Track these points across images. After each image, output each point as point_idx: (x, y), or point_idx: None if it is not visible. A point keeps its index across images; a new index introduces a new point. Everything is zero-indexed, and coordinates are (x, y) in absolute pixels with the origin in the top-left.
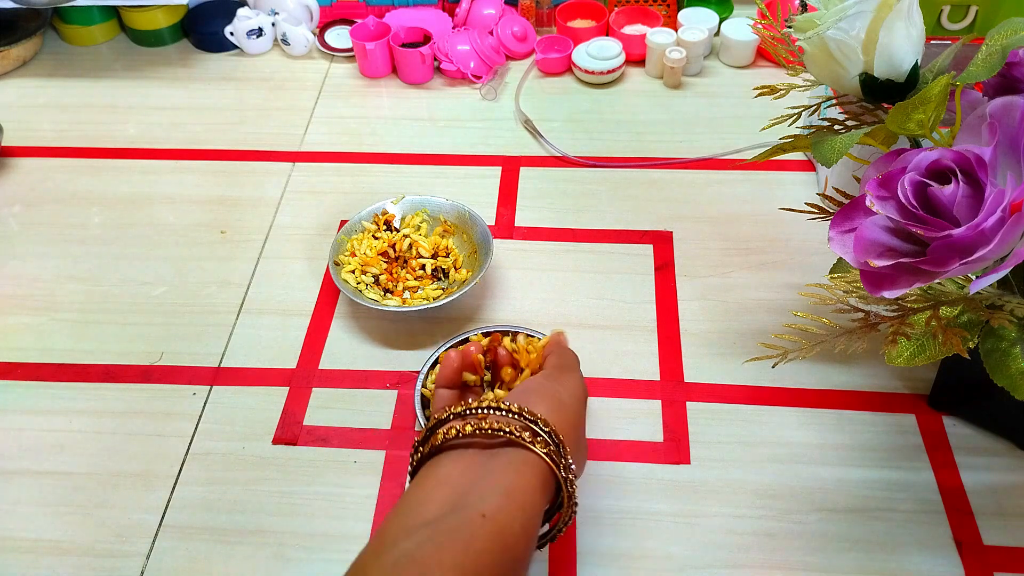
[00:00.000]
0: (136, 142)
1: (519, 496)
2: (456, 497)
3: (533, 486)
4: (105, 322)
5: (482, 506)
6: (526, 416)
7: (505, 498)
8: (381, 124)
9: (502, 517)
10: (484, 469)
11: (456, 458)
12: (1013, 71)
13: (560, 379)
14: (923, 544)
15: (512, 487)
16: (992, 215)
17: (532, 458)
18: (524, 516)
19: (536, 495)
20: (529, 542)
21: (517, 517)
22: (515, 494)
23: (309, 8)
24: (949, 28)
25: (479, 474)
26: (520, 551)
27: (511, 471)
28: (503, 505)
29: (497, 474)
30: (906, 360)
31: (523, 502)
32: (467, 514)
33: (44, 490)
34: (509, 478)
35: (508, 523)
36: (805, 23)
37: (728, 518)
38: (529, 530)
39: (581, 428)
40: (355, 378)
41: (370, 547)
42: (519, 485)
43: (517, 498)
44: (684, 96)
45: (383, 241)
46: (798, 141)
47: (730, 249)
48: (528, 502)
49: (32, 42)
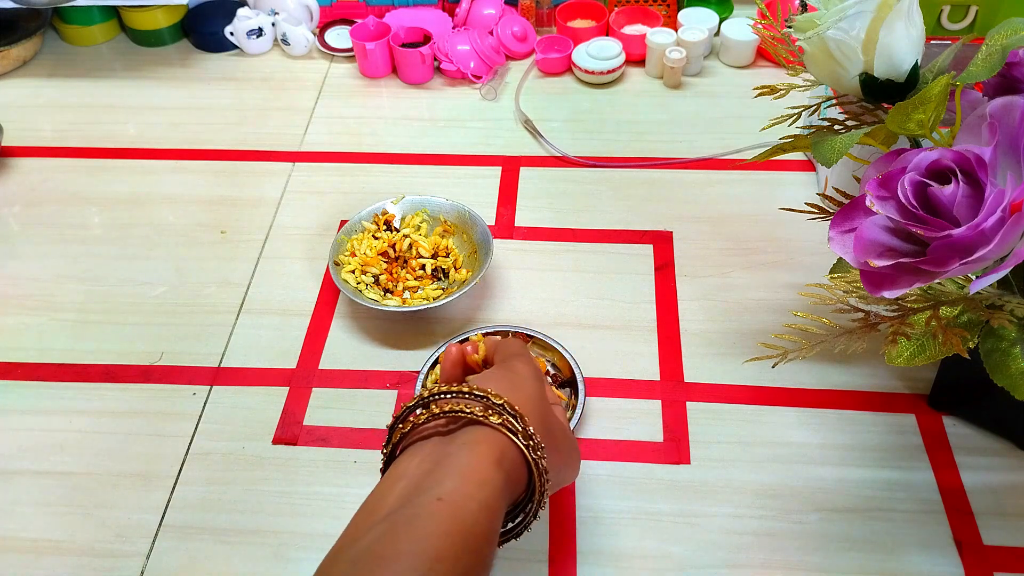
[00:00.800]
0: (136, 142)
1: (475, 474)
2: (413, 486)
3: (490, 460)
4: (105, 322)
5: (438, 490)
6: (475, 393)
7: (460, 478)
8: (381, 124)
9: (458, 498)
10: (441, 454)
11: (415, 450)
12: (1013, 71)
13: (510, 364)
14: (923, 544)
15: (468, 466)
16: (992, 215)
17: (488, 433)
18: (483, 493)
19: (493, 469)
20: (491, 518)
21: (474, 495)
22: (471, 473)
23: (309, 8)
24: (949, 28)
25: (436, 460)
26: (481, 529)
27: (466, 450)
28: (458, 486)
29: (453, 456)
30: (906, 360)
31: (480, 479)
32: (423, 500)
33: (44, 490)
34: (464, 458)
35: (464, 503)
36: (805, 23)
37: (728, 518)
38: (491, 506)
39: (544, 404)
40: (355, 378)
41: (333, 548)
42: (474, 463)
43: (474, 476)
44: (684, 96)
45: (383, 241)
46: (798, 141)
47: (730, 249)
48: (486, 478)
49: (32, 42)
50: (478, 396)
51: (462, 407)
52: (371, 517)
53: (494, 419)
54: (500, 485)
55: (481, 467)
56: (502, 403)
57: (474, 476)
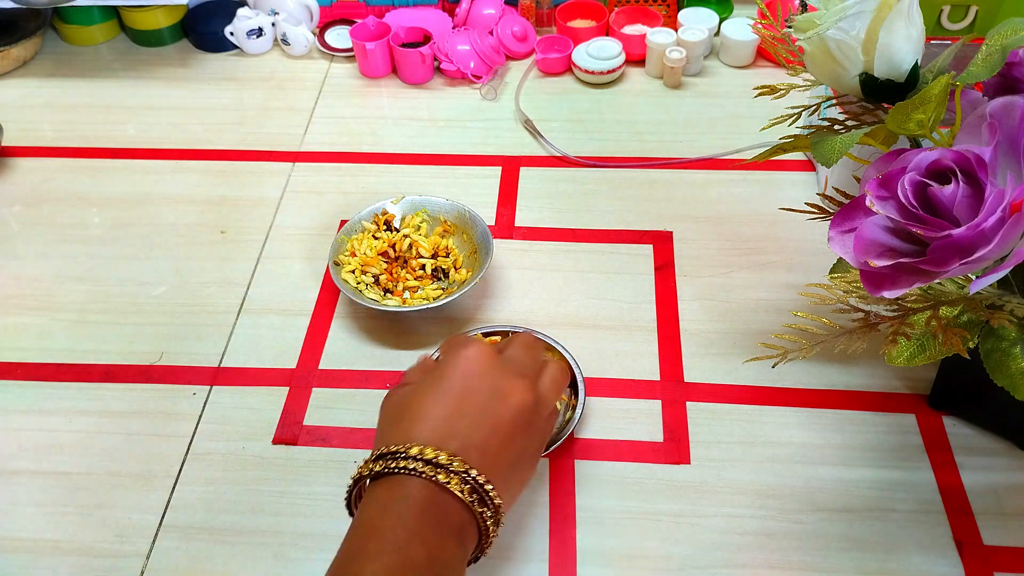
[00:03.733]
0: (136, 142)
1: (401, 549)
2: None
3: (421, 523)
4: (105, 322)
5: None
6: (414, 456)
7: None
8: (381, 124)
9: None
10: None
11: (365, 500)
12: (1013, 71)
13: (434, 370)
14: (923, 544)
15: (392, 540)
16: (992, 215)
17: (417, 488)
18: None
19: (420, 537)
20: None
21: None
22: (395, 548)
23: (309, 8)
24: (949, 28)
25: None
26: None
27: (393, 517)
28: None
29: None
30: (906, 360)
31: (405, 552)
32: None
33: (44, 490)
34: (389, 530)
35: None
36: (805, 23)
37: (728, 518)
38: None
39: (489, 422)
40: (355, 378)
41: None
42: (400, 534)
43: (399, 550)
44: (684, 96)
45: (383, 241)
46: (798, 141)
47: (730, 249)
48: (411, 550)
49: (32, 42)
50: (417, 461)
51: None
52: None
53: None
54: (431, 547)
55: (407, 536)
56: (438, 461)
57: (399, 550)
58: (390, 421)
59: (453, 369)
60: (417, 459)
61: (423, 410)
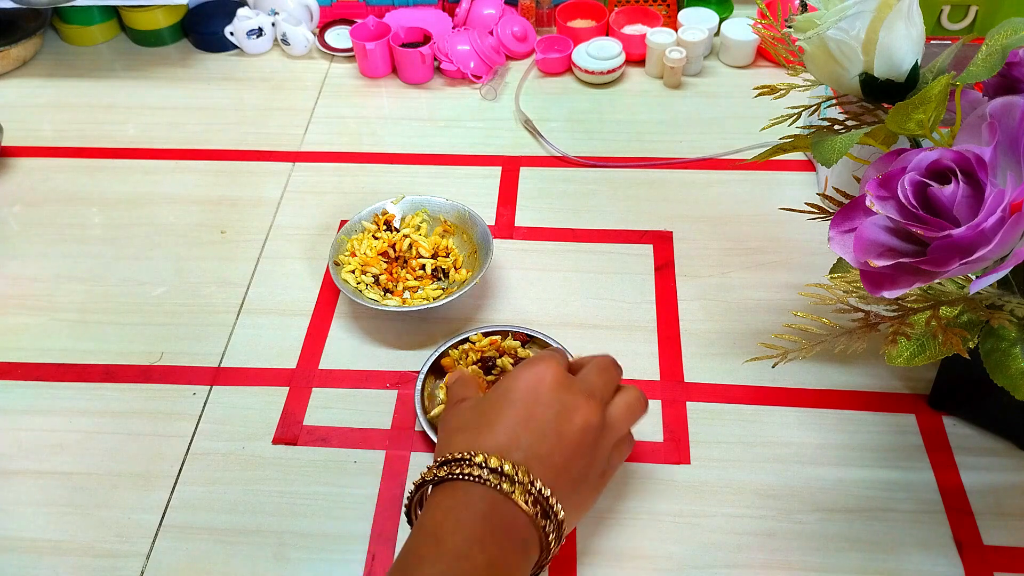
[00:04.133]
0: (136, 142)
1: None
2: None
3: (479, 531)
4: (105, 322)
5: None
6: (477, 463)
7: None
8: (381, 124)
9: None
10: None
11: (429, 504)
12: (1013, 71)
13: (502, 383)
14: (923, 544)
15: (439, 531)
16: (992, 215)
17: (463, 493)
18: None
19: (479, 546)
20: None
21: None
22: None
23: (309, 8)
24: (949, 28)
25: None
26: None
27: (439, 513)
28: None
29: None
30: (906, 360)
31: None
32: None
33: (44, 490)
34: (448, 535)
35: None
36: (805, 23)
37: (728, 518)
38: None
39: (556, 440)
40: (355, 378)
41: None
42: (447, 527)
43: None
44: (684, 96)
45: (383, 241)
46: (798, 141)
47: (730, 249)
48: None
49: (32, 42)
50: (480, 467)
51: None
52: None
53: (505, 485)
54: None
55: (464, 545)
56: (503, 471)
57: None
58: (454, 431)
59: (522, 383)
60: (483, 467)
61: (488, 420)
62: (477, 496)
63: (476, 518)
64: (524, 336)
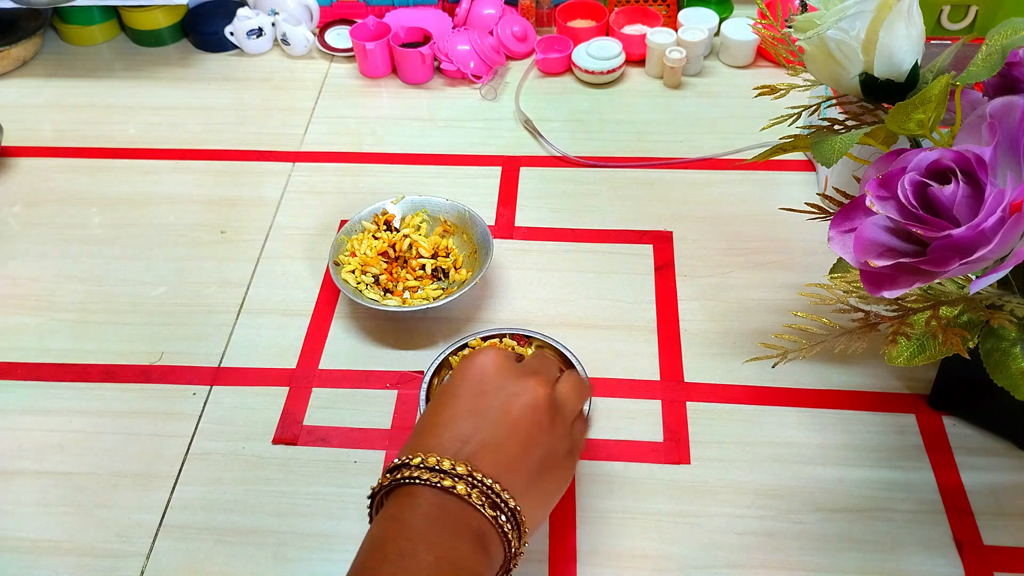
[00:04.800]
0: (136, 142)
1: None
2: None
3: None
4: (105, 322)
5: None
6: (439, 470)
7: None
8: (381, 124)
9: None
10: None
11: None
12: (1013, 71)
13: (484, 387)
14: (923, 544)
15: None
16: (992, 215)
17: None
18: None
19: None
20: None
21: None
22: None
23: (309, 8)
24: (949, 28)
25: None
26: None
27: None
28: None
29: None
30: (906, 360)
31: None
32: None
33: (44, 490)
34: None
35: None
36: (805, 23)
37: (728, 518)
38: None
39: (520, 438)
40: (355, 378)
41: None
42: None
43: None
44: (684, 96)
45: (383, 241)
46: (798, 141)
47: (730, 249)
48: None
49: (32, 42)
50: (443, 473)
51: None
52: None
53: (459, 488)
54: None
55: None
56: (468, 478)
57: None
58: (410, 438)
59: (462, 376)
60: (421, 467)
61: (433, 420)
62: (422, 498)
63: (420, 518)
64: (522, 337)
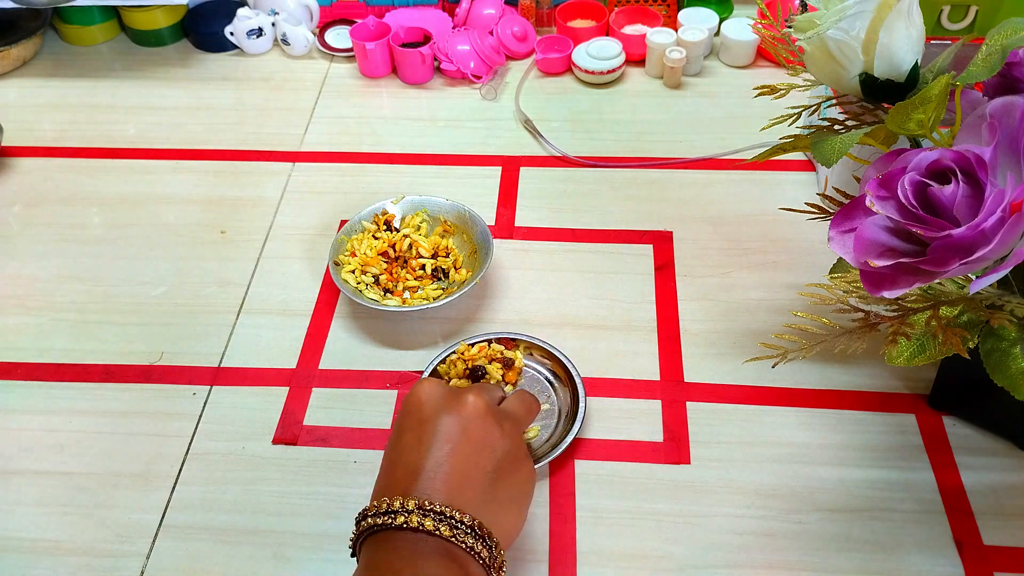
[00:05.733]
0: (136, 142)
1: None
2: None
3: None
4: (105, 322)
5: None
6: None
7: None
8: (381, 124)
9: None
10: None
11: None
12: (1013, 71)
13: (437, 422)
14: (923, 544)
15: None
16: (992, 215)
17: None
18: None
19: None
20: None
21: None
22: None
23: (309, 8)
24: (949, 28)
25: None
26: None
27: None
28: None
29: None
30: (906, 360)
31: None
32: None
33: (44, 490)
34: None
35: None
36: (805, 23)
37: (728, 518)
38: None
39: (479, 463)
40: (355, 378)
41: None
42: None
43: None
44: (684, 96)
45: (383, 241)
46: (798, 141)
47: (730, 249)
48: None
49: (32, 42)
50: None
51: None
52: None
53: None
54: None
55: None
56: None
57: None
58: (375, 484)
59: (404, 412)
60: (376, 514)
61: (387, 461)
62: (388, 542)
63: (389, 558)
64: (508, 342)
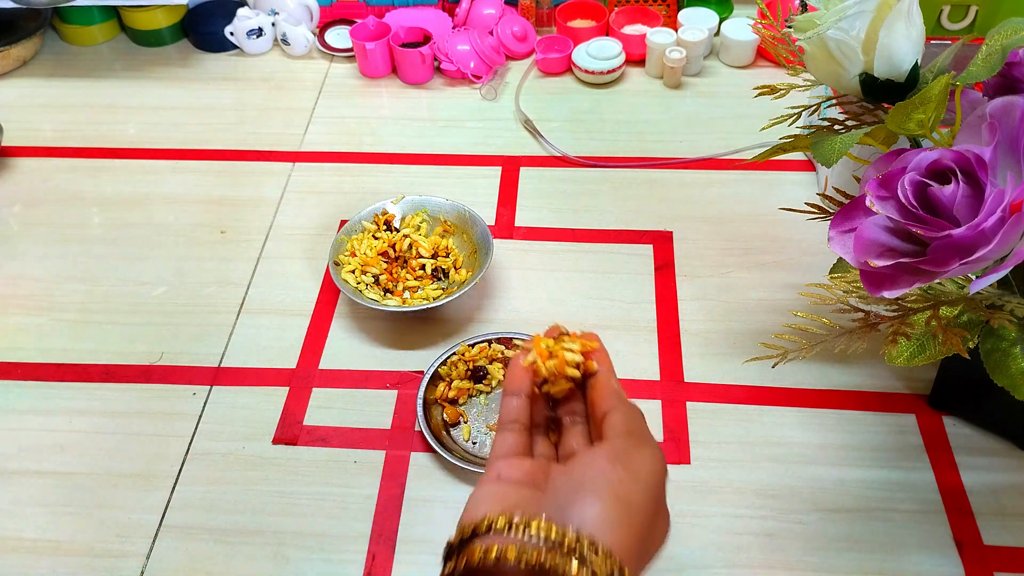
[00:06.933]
0: (136, 142)
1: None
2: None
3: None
4: (105, 322)
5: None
6: (583, 552)
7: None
8: (381, 124)
9: None
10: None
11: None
12: (1013, 71)
13: (631, 461)
14: (923, 544)
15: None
16: (992, 215)
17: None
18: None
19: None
20: None
21: None
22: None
23: (309, 8)
24: (949, 28)
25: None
26: None
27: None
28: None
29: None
30: (906, 360)
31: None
32: None
33: (44, 490)
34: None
35: None
36: (805, 23)
37: (728, 518)
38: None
39: (650, 525)
40: (355, 378)
41: None
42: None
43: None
44: (684, 96)
45: (383, 241)
46: (798, 141)
47: (730, 249)
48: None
49: (32, 42)
50: (581, 555)
51: (557, 564)
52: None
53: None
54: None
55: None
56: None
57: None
58: None
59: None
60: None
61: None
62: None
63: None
64: (508, 340)
